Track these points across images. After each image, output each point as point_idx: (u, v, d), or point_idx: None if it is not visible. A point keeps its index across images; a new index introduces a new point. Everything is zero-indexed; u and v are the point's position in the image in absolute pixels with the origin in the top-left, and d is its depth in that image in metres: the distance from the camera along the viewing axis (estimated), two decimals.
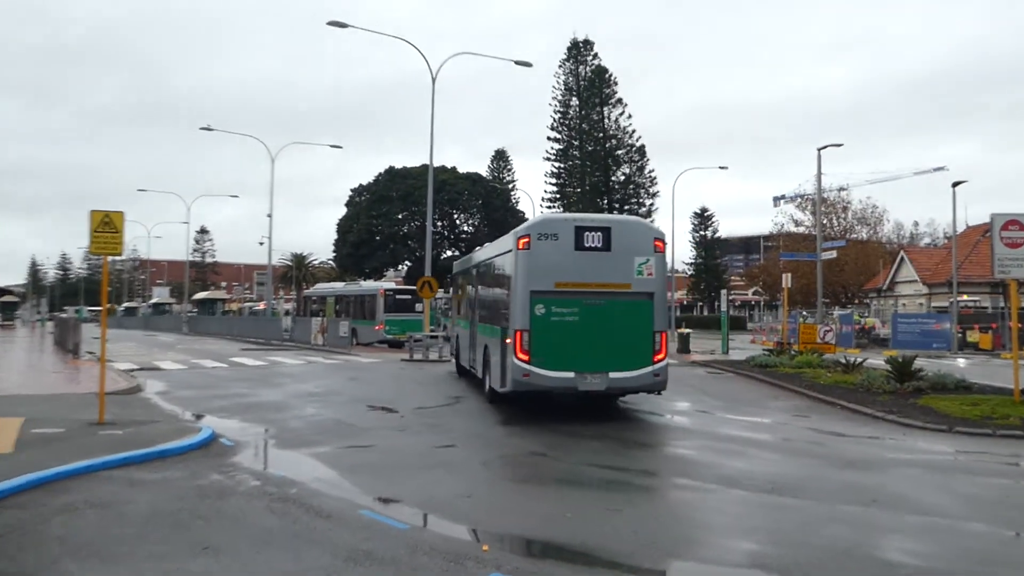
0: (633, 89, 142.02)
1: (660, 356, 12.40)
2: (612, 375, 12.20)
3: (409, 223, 66.84)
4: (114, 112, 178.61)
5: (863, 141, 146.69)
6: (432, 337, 27.04)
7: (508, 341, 12.54)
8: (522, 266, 12.29)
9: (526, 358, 12.07)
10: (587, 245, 12.34)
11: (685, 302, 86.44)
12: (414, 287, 29.30)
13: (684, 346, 29.36)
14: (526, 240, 12.37)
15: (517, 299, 12.22)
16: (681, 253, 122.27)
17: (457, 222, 69.77)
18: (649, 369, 12.33)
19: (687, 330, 31.02)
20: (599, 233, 12.39)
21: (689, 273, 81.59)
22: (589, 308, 12.25)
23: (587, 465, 9.09)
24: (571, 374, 12.09)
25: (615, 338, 12.25)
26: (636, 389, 12.49)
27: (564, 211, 56.37)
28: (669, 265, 47.96)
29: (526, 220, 71.12)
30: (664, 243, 12.68)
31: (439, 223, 67.67)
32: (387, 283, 43.42)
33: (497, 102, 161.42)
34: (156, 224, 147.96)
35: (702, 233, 79.76)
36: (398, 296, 34.68)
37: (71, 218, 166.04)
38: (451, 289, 23.67)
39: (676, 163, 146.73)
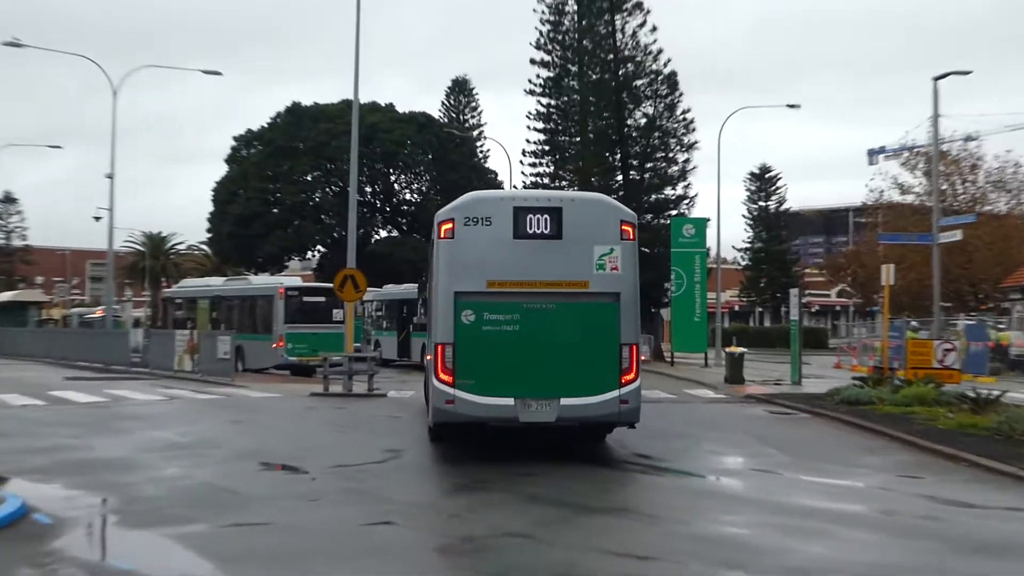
0: None
1: (629, 377, 13.57)
2: (565, 402, 13.46)
3: (323, 188, 66.65)
4: None
5: (1001, 68, 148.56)
6: (357, 359, 26.97)
7: (429, 358, 13.93)
8: (444, 260, 13.64)
9: (449, 380, 13.42)
10: (531, 231, 13.62)
11: (737, 307, 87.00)
12: (330, 284, 29.22)
13: (735, 372, 29.60)
14: (448, 226, 13.66)
15: (439, 303, 13.66)
16: (731, 233, 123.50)
17: (396, 186, 69.74)
18: (614, 394, 13.50)
19: (739, 349, 31.29)
20: (546, 215, 13.66)
21: (743, 263, 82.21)
22: (533, 314, 13.55)
23: (592, 551, 9.11)
24: (510, 401, 13.44)
25: (568, 353, 13.49)
26: (597, 420, 13.84)
27: (556, 170, 56.44)
28: (711, 251, 48.35)
29: (500, 184, 70.79)
30: (634, 227, 13.96)
31: (368, 188, 67.52)
32: (290, 278, 43.26)
33: (456, 7, 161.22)
34: None
35: (762, 204, 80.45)
36: (307, 298, 34.55)
37: None
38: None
39: (724, 101, 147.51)
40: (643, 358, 43.54)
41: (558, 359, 13.45)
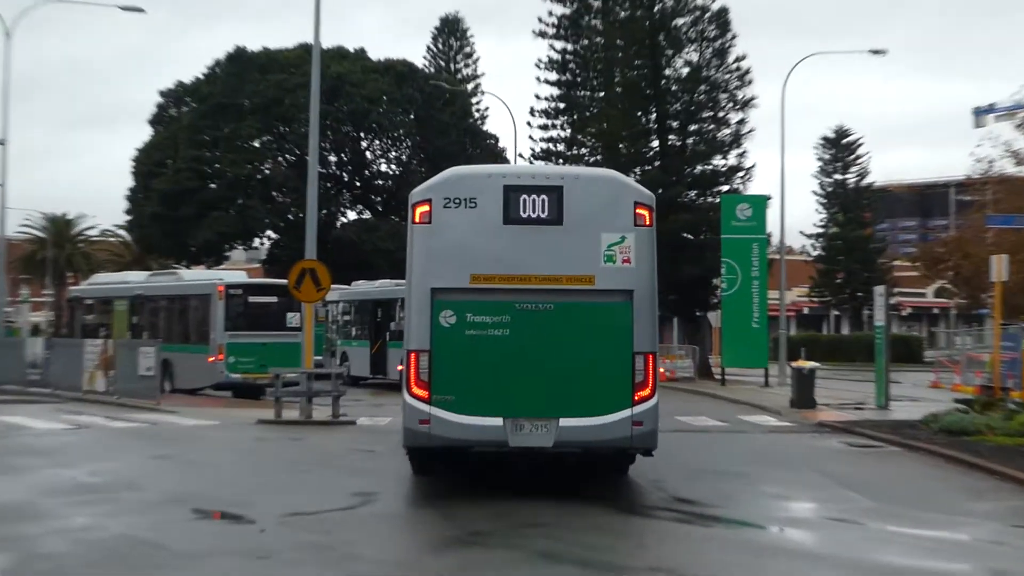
0: None
1: (644, 393, 14.41)
2: (564, 423, 14.29)
3: (275, 157, 66.55)
4: None
5: None
6: (319, 377, 26.91)
7: (400, 368, 14.88)
8: (419, 250, 14.74)
9: (424, 395, 14.35)
10: (524, 215, 14.60)
11: (806, 309, 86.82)
12: (284, 281, 29.18)
13: (804, 393, 29.47)
14: (425, 208, 14.68)
15: (412, 302, 14.74)
16: (798, 216, 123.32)
17: (369, 155, 69.73)
18: (625, 414, 14.32)
19: (809, 363, 31.14)
20: (543, 196, 14.60)
21: (813, 254, 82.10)
22: (527, 316, 14.49)
23: None
24: (498, 421, 14.27)
25: (569, 364, 14.41)
26: (604, 446, 14.69)
27: (573, 133, 56.43)
28: (773, 237, 48.23)
29: (502, 152, 70.46)
30: (652, 210, 14.82)
31: (333, 157, 67.49)
32: (232, 273, 43.21)
33: None
34: None
35: (839, 177, 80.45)
36: (253, 298, 34.54)
37: None
38: None
39: (790, 46, 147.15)
40: (687, 375, 44.02)
41: (557, 371, 14.32)
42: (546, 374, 14.28)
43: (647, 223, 14.60)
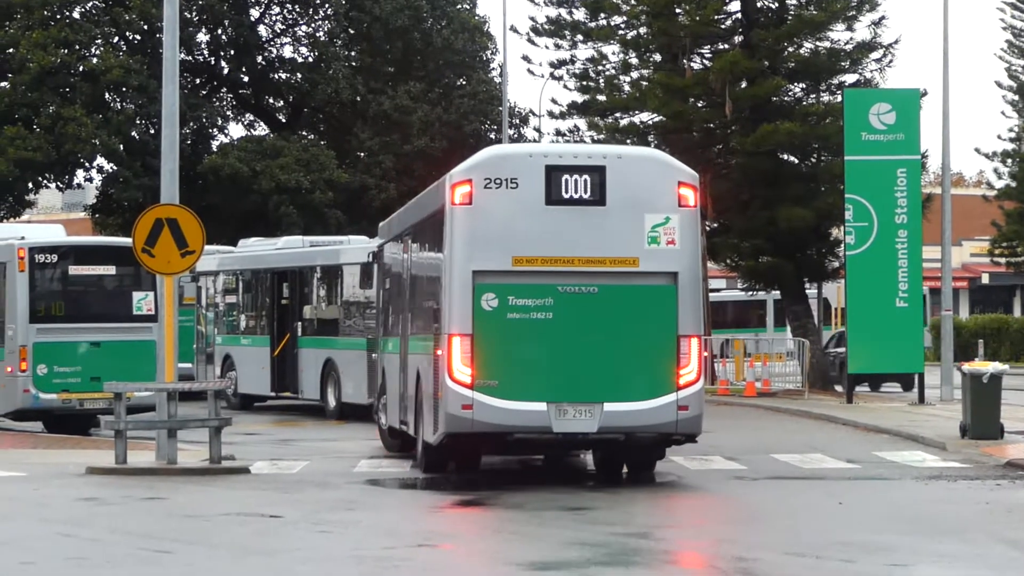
0: None
1: (690, 377, 22.33)
2: (609, 407, 22.04)
3: (107, 40, 65.89)
4: None
5: None
6: (187, 397, 26.83)
7: (439, 353, 22.24)
8: (460, 232, 22.36)
9: (467, 380, 21.76)
10: (567, 196, 22.40)
11: (986, 276, 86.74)
12: (126, 240, 29.07)
13: (982, 415, 29.32)
14: (466, 189, 22.18)
15: (453, 286, 22.30)
16: (972, 123, 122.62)
17: (263, 32, 69.40)
18: (671, 399, 22.14)
19: (990, 365, 30.95)
20: (586, 176, 22.44)
21: (999, 184, 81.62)
22: (570, 299, 22.35)
23: None
24: (541, 406, 22.01)
25: (614, 348, 22.31)
26: (649, 432, 22.45)
27: None
28: (932, 159, 48.16)
29: (482, 27, 70.85)
30: (697, 190, 20.85)
31: (204, 36, 67.15)
32: (41, 228, 42.98)
33: None
34: None
35: None
36: (76, 268, 34.38)
37: None
38: (375, 280, 32.98)
39: None
40: (791, 385, 44.64)
41: (601, 355, 22.20)
42: (590, 358, 21.97)
43: (692, 204, 22.11)
